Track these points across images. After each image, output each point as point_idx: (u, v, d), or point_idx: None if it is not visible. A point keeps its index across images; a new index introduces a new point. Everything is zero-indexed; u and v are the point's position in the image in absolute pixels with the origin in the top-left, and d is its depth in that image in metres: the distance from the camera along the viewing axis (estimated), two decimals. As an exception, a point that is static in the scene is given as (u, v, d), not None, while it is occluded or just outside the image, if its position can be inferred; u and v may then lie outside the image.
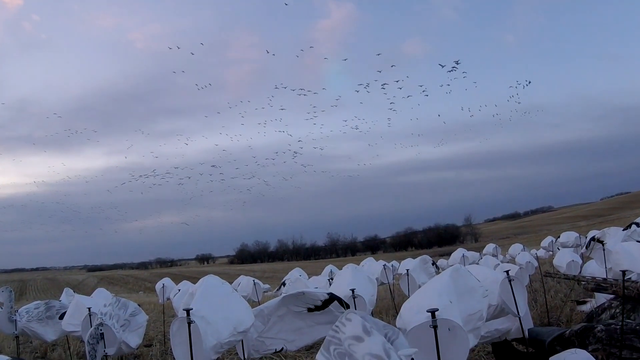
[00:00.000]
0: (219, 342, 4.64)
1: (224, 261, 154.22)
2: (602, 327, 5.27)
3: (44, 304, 8.25)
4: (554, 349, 5.27)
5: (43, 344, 10.12)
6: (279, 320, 5.45)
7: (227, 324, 4.80)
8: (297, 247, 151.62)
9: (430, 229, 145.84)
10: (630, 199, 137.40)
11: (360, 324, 2.82)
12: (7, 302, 7.99)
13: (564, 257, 12.11)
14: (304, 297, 5.41)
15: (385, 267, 12.91)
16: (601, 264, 8.81)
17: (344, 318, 2.92)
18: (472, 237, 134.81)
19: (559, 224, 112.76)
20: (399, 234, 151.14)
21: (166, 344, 9.99)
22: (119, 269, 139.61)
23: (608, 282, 6.78)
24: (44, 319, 8.07)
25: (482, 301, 4.50)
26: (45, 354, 10.06)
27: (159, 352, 9.55)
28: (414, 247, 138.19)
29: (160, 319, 12.15)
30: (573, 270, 11.07)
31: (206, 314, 4.63)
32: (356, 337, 2.78)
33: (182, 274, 79.25)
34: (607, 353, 5.05)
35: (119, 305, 6.87)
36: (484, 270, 5.91)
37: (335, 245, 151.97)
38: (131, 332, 6.82)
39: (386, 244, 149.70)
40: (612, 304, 6.72)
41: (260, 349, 5.46)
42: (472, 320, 4.27)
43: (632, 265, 6.72)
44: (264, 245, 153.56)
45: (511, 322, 5.55)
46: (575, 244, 18.30)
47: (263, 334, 5.43)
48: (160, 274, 77.79)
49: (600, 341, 5.14)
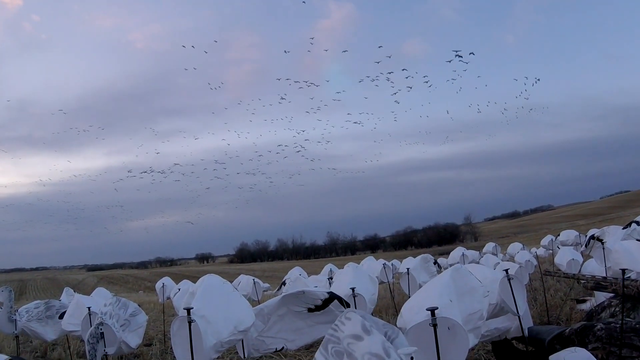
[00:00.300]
0: (219, 341, 4.65)
1: (224, 260, 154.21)
2: (601, 325, 5.27)
3: (43, 303, 8.25)
4: (553, 348, 5.27)
5: (43, 344, 10.12)
6: (279, 320, 5.45)
7: (227, 323, 4.80)
8: (296, 246, 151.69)
9: (430, 227, 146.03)
10: (629, 198, 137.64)
11: (359, 323, 2.82)
12: (7, 301, 7.99)
13: (565, 255, 12.12)
14: (304, 296, 5.41)
15: (385, 266, 12.91)
16: (601, 262, 8.81)
17: (343, 317, 2.92)
18: (472, 236, 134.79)
19: (559, 223, 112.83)
20: (399, 233, 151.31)
21: (166, 343, 10.00)
22: (118, 268, 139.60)
23: (608, 281, 6.78)
24: (43, 318, 8.07)
25: (482, 301, 4.50)
26: (45, 353, 10.05)
27: (159, 352, 9.55)
28: (413, 246, 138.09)
29: (160, 318, 12.15)
30: (573, 268, 11.08)
31: (207, 313, 4.64)
32: (355, 336, 2.78)
33: (182, 273, 79.18)
34: (607, 352, 5.05)
35: (119, 305, 6.87)
36: (484, 269, 5.91)
37: (335, 244, 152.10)
38: (131, 332, 6.81)
39: (386, 243, 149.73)
40: (612, 303, 6.71)
41: (261, 348, 5.46)
42: (473, 319, 4.27)
43: (631, 263, 6.72)
44: (264, 244, 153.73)
45: (511, 321, 5.55)
46: (574, 242, 18.31)
47: (263, 333, 5.43)
48: (160, 273, 77.77)
49: (600, 340, 5.14)
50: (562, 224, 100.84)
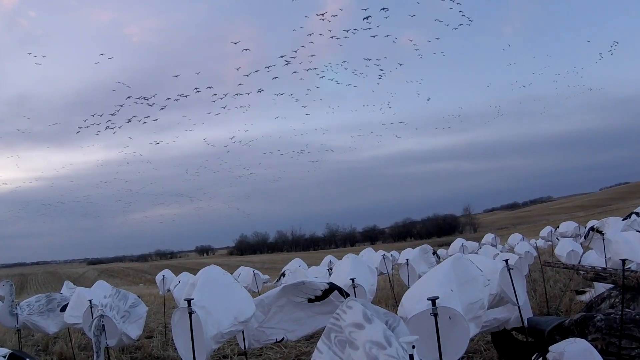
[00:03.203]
0: (219, 332, 4.66)
1: (224, 252, 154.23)
2: (601, 316, 5.28)
3: (45, 296, 8.26)
4: (553, 339, 5.28)
5: (45, 337, 10.15)
6: (279, 310, 5.46)
7: (227, 314, 4.81)
8: (296, 238, 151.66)
9: (429, 219, 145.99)
10: (629, 189, 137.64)
11: (361, 312, 2.82)
12: (8, 295, 8.01)
13: (565, 246, 12.13)
14: (304, 286, 5.42)
15: (385, 257, 12.93)
16: (601, 253, 8.81)
17: (344, 305, 2.92)
18: (471, 227, 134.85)
19: (558, 214, 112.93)
20: (398, 225, 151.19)
21: (167, 335, 10.03)
22: (119, 261, 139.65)
23: (607, 272, 6.79)
24: (45, 311, 8.09)
25: (483, 290, 4.51)
26: (47, 346, 10.08)
27: (159, 343, 9.58)
28: (413, 237, 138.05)
29: (160, 311, 12.19)
30: (573, 260, 11.08)
31: (207, 304, 4.65)
32: (357, 325, 2.79)
33: (182, 265, 79.27)
34: (607, 342, 5.06)
35: (118, 296, 6.88)
36: (484, 260, 5.90)
37: (334, 235, 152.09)
38: (131, 324, 6.83)
39: (385, 234, 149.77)
40: (612, 294, 6.72)
41: (261, 338, 5.47)
42: (473, 309, 4.28)
43: (631, 254, 6.73)
44: (263, 236, 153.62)
45: (510, 311, 5.55)
46: (574, 234, 18.31)
47: (263, 324, 5.44)
48: (160, 265, 77.81)
49: (600, 330, 5.15)
50: (562, 215, 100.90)
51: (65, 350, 9.32)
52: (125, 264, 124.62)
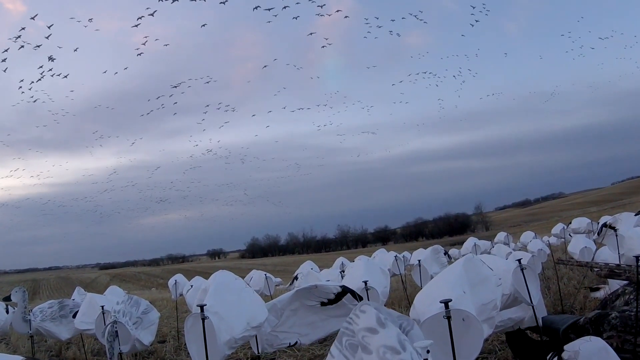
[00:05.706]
0: (232, 338, 4.65)
1: (235, 256, 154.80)
2: (616, 314, 5.24)
3: (57, 303, 8.31)
4: (568, 337, 5.24)
5: (57, 343, 10.19)
6: (292, 314, 5.45)
7: (240, 319, 4.80)
8: (307, 240, 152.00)
9: (441, 218, 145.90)
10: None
11: (374, 316, 2.80)
12: (21, 302, 8.06)
13: (578, 243, 12.03)
14: (317, 290, 5.40)
15: (397, 258, 12.90)
16: (614, 249, 8.73)
17: (357, 310, 2.90)
18: (483, 225, 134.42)
19: (570, 210, 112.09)
20: (410, 225, 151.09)
21: (180, 339, 10.05)
22: (131, 266, 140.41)
23: (621, 268, 6.72)
24: (57, 318, 8.13)
25: (495, 290, 4.48)
26: (60, 352, 10.13)
27: (172, 348, 9.61)
28: (424, 237, 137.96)
29: (173, 315, 12.21)
30: (586, 256, 10.99)
31: (220, 309, 4.64)
32: (370, 329, 2.76)
33: (194, 269, 79.49)
34: (622, 340, 5.02)
35: (131, 302, 6.90)
36: (496, 260, 5.86)
37: (345, 237, 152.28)
38: (144, 330, 6.84)
39: (397, 234, 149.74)
40: (626, 290, 6.66)
41: (274, 343, 5.46)
42: (486, 310, 4.25)
43: (644, 250, 6.67)
44: (275, 239, 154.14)
45: (524, 310, 5.52)
46: (587, 230, 18.15)
47: (276, 328, 5.43)
48: (172, 270, 78.23)
49: (615, 328, 5.11)
50: (574, 212, 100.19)
51: (78, 356, 9.37)
52: (137, 269, 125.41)
